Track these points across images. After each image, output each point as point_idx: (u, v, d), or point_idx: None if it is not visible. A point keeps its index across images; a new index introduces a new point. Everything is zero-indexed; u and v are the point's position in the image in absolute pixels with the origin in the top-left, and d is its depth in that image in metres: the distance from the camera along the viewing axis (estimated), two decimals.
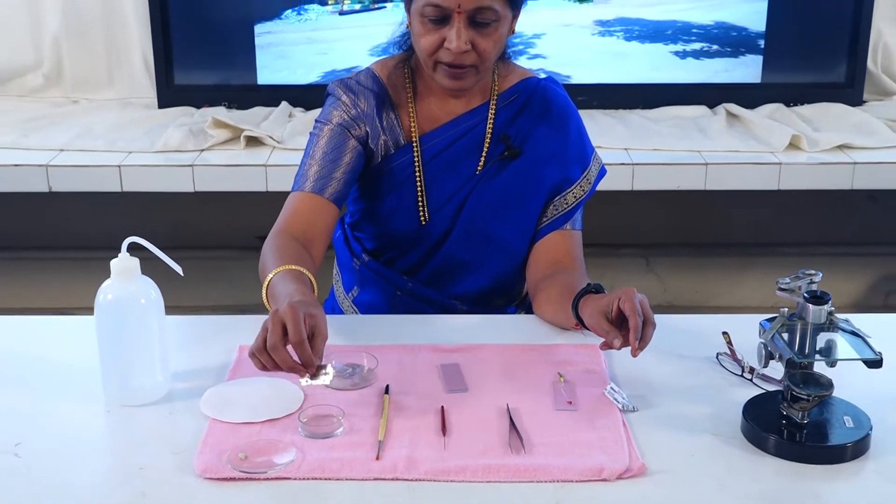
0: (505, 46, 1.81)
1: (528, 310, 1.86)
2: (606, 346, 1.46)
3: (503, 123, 1.82)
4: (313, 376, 1.36)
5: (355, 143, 1.78)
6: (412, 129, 1.81)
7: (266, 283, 1.55)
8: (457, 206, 1.82)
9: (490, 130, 1.82)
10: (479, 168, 1.82)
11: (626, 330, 1.43)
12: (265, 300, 1.55)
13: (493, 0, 1.65)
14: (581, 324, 1.58)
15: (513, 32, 1.77)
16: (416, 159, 1.81)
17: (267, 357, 1.33)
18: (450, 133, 1.82)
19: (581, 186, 1.85)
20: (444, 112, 1.82)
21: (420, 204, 1.82)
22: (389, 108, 1.81)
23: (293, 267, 1.54)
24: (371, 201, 1.86)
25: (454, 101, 1.82)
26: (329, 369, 1.38)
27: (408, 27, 1.76)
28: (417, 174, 1.81)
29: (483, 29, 1.67)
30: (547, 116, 1.84)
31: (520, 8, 1.75)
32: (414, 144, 1.81)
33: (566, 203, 1.84)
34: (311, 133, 1.81)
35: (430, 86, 1.81)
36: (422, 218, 1.83)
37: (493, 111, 1.82)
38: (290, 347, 1.34)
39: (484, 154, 1.82)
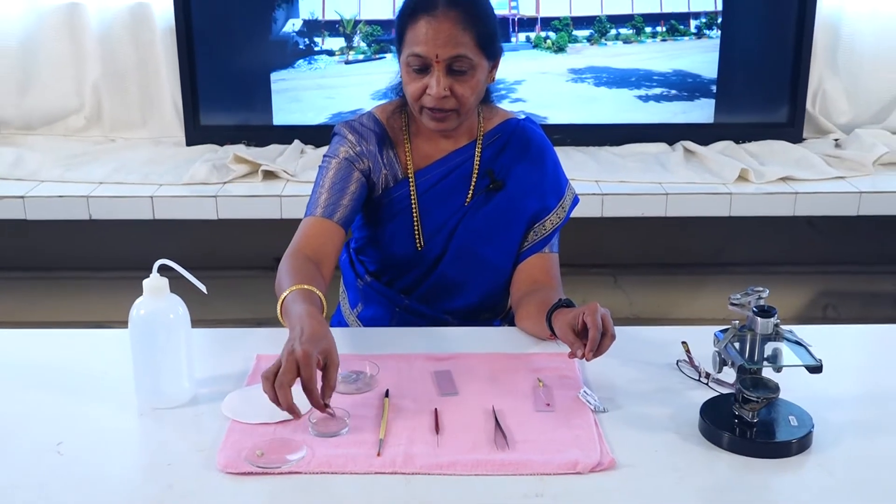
0: (487, 92, 1.81)
1: (512, 323, 1.85)
2: (573, 354, 1.46)
3: (488, 159, 1.82)
4: (322, 410, 1.34)
5: (359, 175, 1.77)
6: (408, 165, 1.81)
7: (280, 300, 1.53)
8: (448, 233, 1.82)
9: (477, 166, 1.82)
10: (467, 199, 1.82)
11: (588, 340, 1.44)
12: (279, 315, 1.54)
13: (467, 49, 1.65)
14: (554, 334, 1.58)
15: (493, 80, 1.77)
16: (411, 192, 1.80)
17: (270, 388, 1.30)
18: (441, 169, 1.81)
19: (557, 214, 1.85)
20: (436, 150, 1.82)
21: (416, 231, 1.82)
22: (388, 146, 1.81)
23: (305, 287, 1.52)
24: (373, 229, 1.85)
25: (444, 141, 1.82)
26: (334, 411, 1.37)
27: (400, 77, 1.77)
28: (413, 205, 1.81)
29: (460, 77, 1.67)
30: (526, 153, 1.84)
31: (497, 58, 1.74)
32: (410, 179, 1.81)
33: (544, 229, 1.84)
34: (320, 166, 1.80)
35: (422, 127, 1.81)
36: (417, 243, 1.82)
37: (479, 149, 1.82)
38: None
39: (472, 187, 1.82)
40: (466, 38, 1.65)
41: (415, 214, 1.81)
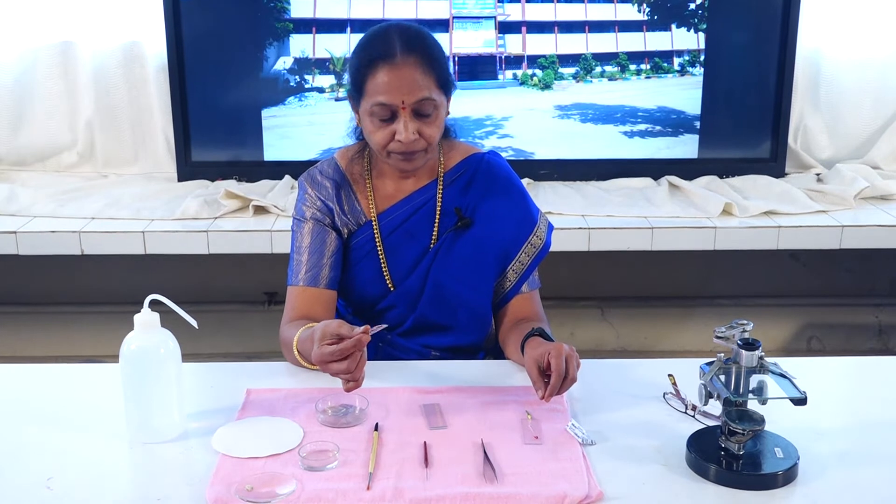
0: (446, 128, 1.80)
1: (497, 356, 1.85)
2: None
3: (452, 198, 1.80)
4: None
5: (331, 231, 1.78)
6: (371, 209, 1.80)
7: (294, 346, 1.62)
8: (422, 275, 1.80)
9: (440, 205, 1.80)
10: (433, 239, 1.80)
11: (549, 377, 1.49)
12: (298, 358, 1.63)
13: (430, 91, 1.65)
14: None
15: (448, 114, 1.75)
16: (375, 235, 1.80)
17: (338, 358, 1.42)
18: (404, 209, 1.80)
19: (532, 244, 1.82)
20: (397, 191, 1.81)
21: (385, 273, 1.81)
22: (349, 192, 1.80)
23: (310, 324, 1.59)
24: (344, 273, 1.83)
25: (406, 181, 1.80)
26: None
27: (358, 124, 1.76)
28: (378, 247, 1.80)
29: (426, 119, 1.66)
30: (493, 187, 1.81)
31: (451, 94, 1.73)
32: (373, 222, 1.80)
33: (521, 263, 1.82)
34: (292, 229, 1.81)
35: (383, 169, 1.80)
36: (389, 285, 1.81)
37: (441, 187, 1.81)
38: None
39: (436, 226, 1.80)
40: (428, 81, 1.64)
41: (381, 256, 1.80)
